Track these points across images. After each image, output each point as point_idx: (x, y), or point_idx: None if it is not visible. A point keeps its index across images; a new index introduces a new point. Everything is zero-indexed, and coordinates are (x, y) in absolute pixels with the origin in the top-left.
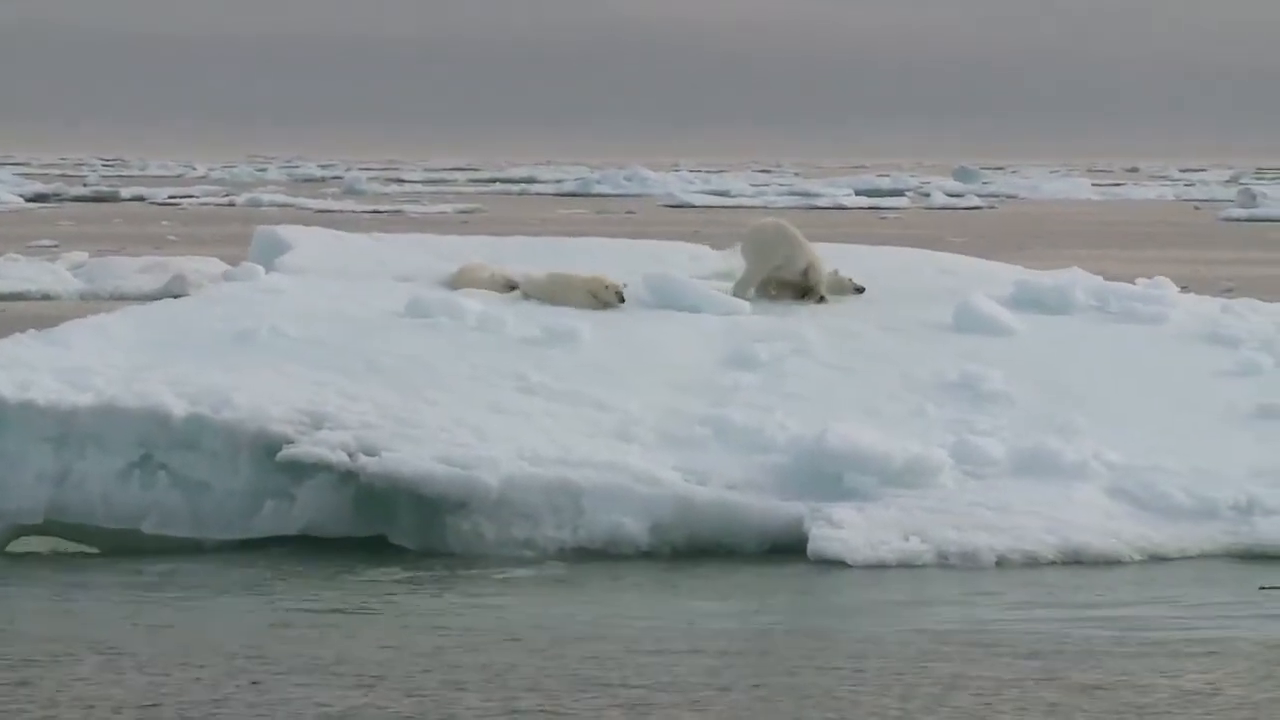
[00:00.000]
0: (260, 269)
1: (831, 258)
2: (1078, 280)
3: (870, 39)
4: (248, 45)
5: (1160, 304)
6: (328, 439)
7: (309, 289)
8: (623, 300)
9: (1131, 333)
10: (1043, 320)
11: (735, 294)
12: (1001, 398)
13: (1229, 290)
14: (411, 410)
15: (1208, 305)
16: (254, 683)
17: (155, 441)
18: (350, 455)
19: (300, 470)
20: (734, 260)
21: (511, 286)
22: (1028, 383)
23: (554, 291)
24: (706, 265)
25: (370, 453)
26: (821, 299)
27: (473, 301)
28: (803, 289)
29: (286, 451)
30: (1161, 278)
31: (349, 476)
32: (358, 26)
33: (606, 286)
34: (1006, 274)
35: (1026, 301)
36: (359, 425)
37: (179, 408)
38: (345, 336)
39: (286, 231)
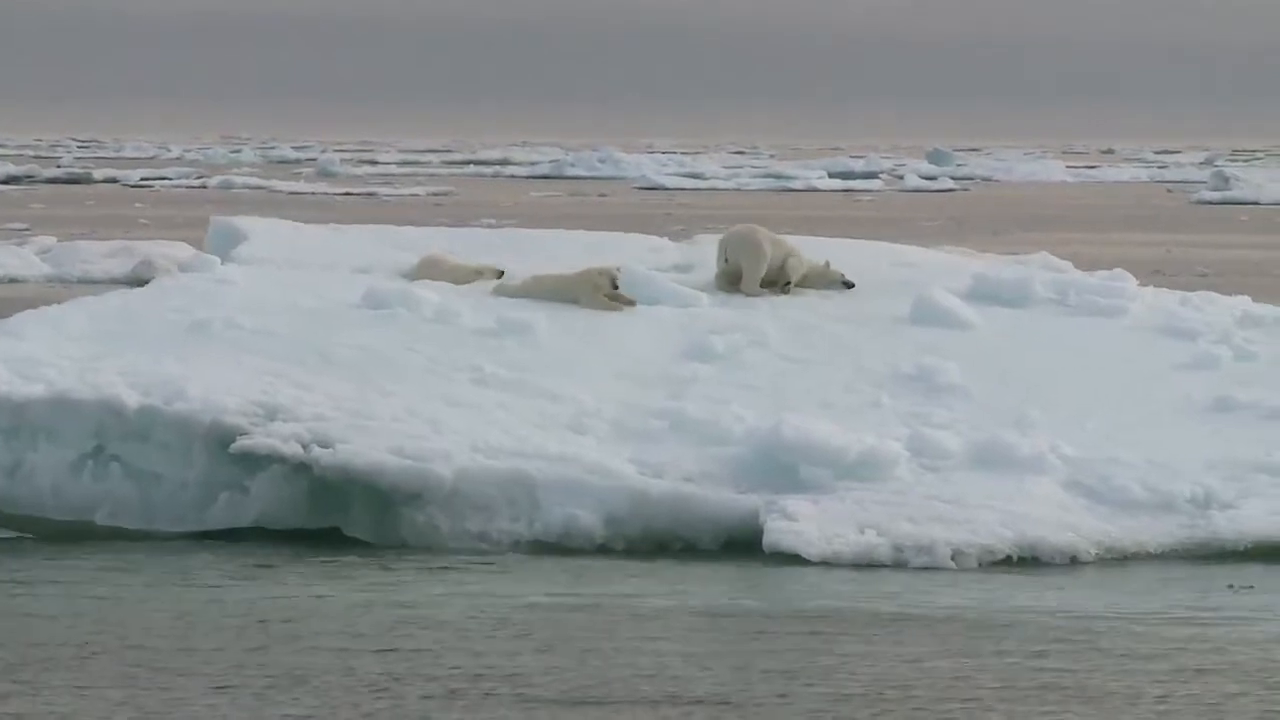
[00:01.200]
0: (216, 260)
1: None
2: (1036, 273)
3: (850, 19)
4: (226, 24)
5: (1119, 297)
6: (281, 430)
7: (264, 280)
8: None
9: (1090, 326)
10: (1001, 313)
11: (749, 293)
12: (958, 390)
13: (1204, 275)
14: (366, 402)
15: (1166, 298)
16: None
17: (108, 433)
18: (304, 447)
19: (254, 462)
20: (693, 254)
21: (478, 274)
22: (985, 375)
23: (557, 291)
24: (665, 257)
25: (324, 444)
26: (787, 285)
27: (429, 293)
28: (777, 280)
29: (240, 443)
30: (1120, 270)
31: (303, 468)
32: (337, 6)
33: (602, 274)
34: (965, 266)
35: (985, 294)
36: (313, 417)
37: (132, 399)
38: (300, 328)
39: (242, 222)
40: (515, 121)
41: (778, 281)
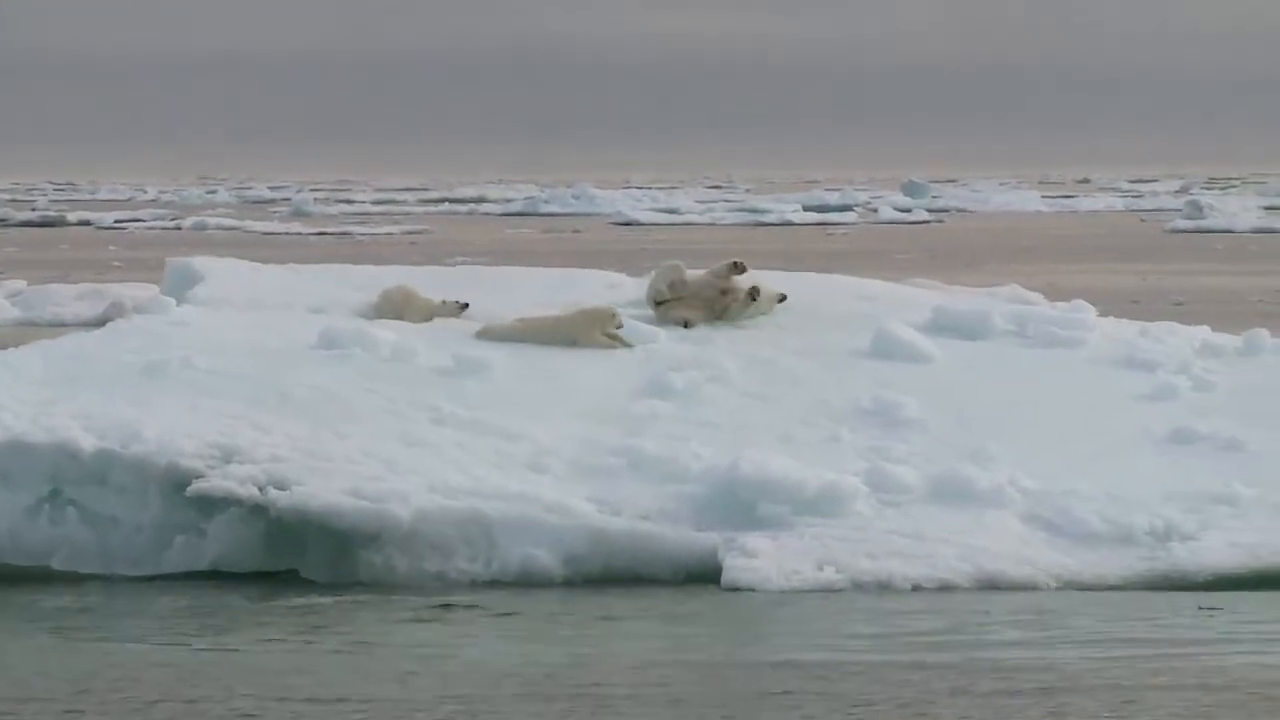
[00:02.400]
0: (172, 301)
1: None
2: (995, 305)
3: (828, 52)
4: (202, 66)
5: (1078, 328)
6: (237, 473)
7: (220, 321)
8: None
9: (1049, 357)
10: (960, 346)
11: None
12: (917, 424)
13: (1180, 303)
14: (322, 443)
15: (1126, 328)
16: None
17: (64, 476)
18: (260, 489)
19: (210, 504)
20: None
21: (442, 306)
22: (943, 409)
23: (554, 332)
24: (623, 293)
25: (280, 486)
26: (753, 293)
27: (386, 332)
28: (726, 291)
29: (196, 486)
30: (1080, 301)
31: (259, 510)
32: (311, 45)
33: (611, 317)
34: (925, 299)
35: (944, 326)
36: (269, 459)
37: (88, 442)
38: (256, 368)
39: (199, 262)
40: (492, 159)
41: (722, 303)
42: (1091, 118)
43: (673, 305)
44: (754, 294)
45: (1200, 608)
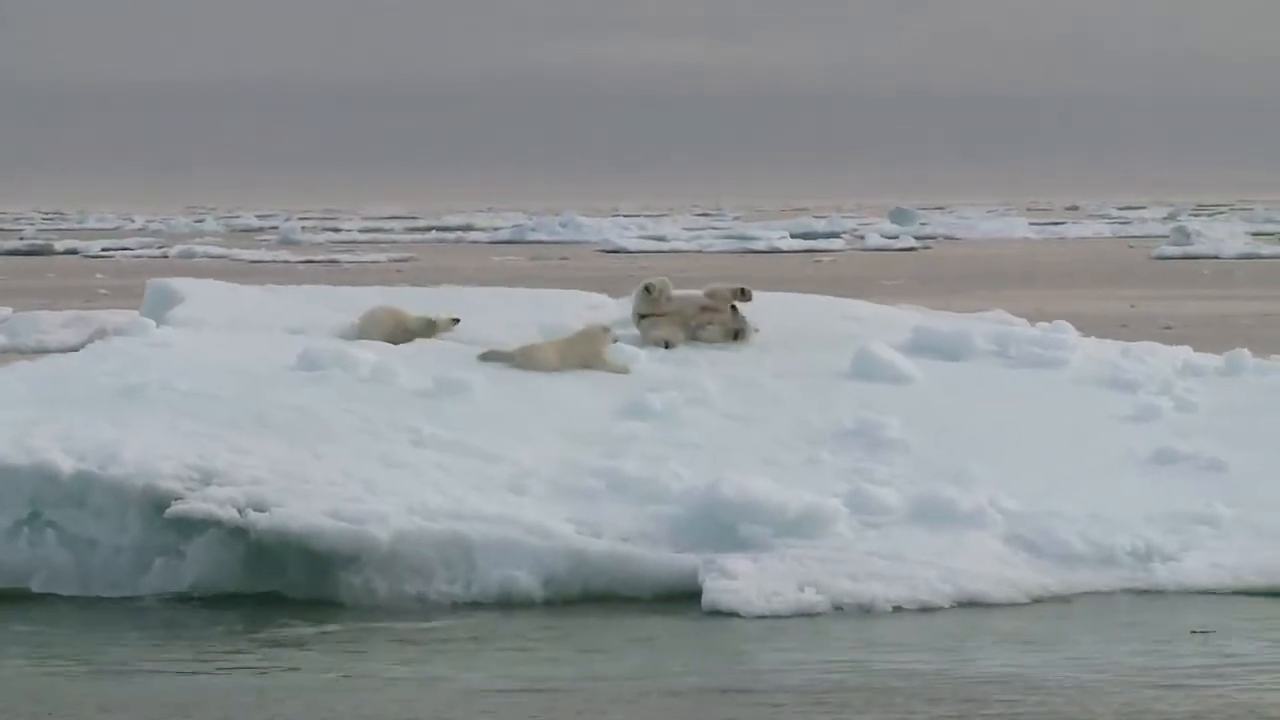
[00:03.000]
0: (151, 323)
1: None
2: (976, 326)
3: (818, 80)
4: (191, 96)
5: (1060, 348)
6: (216, 495)
7: (199, 342)
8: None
9: (1030, 378)
10: (941, 366)
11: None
12: (898, 445)
13: (1169, 328)
14: (301, 464)
15: (1108, 349)
16: None
17: (43, 499)
18: (239, 511)
19: (189, 526)
20: (628, 309)
21: (432, 324)
22: (925, 430)
23: (569, 357)
24: (605, 315)
25: (260, 508)
26: (739, 334)
27: (365, 353)
28: (707, 309)
29: (175, 508)
30: (1062, 321)
31: (239, 532)
32: (300, 75)
33: (606, 331)
34: (907, 320)
35: (925, 347)
36: (248, 481)
37: (66, 464)
38: (236, 390)
39: (179, 284)
40: (481, 188)
41: (700, 320)
42: (1080, 145)
43: (655, 323)
44: (739, 334)
45: (1193, 631)
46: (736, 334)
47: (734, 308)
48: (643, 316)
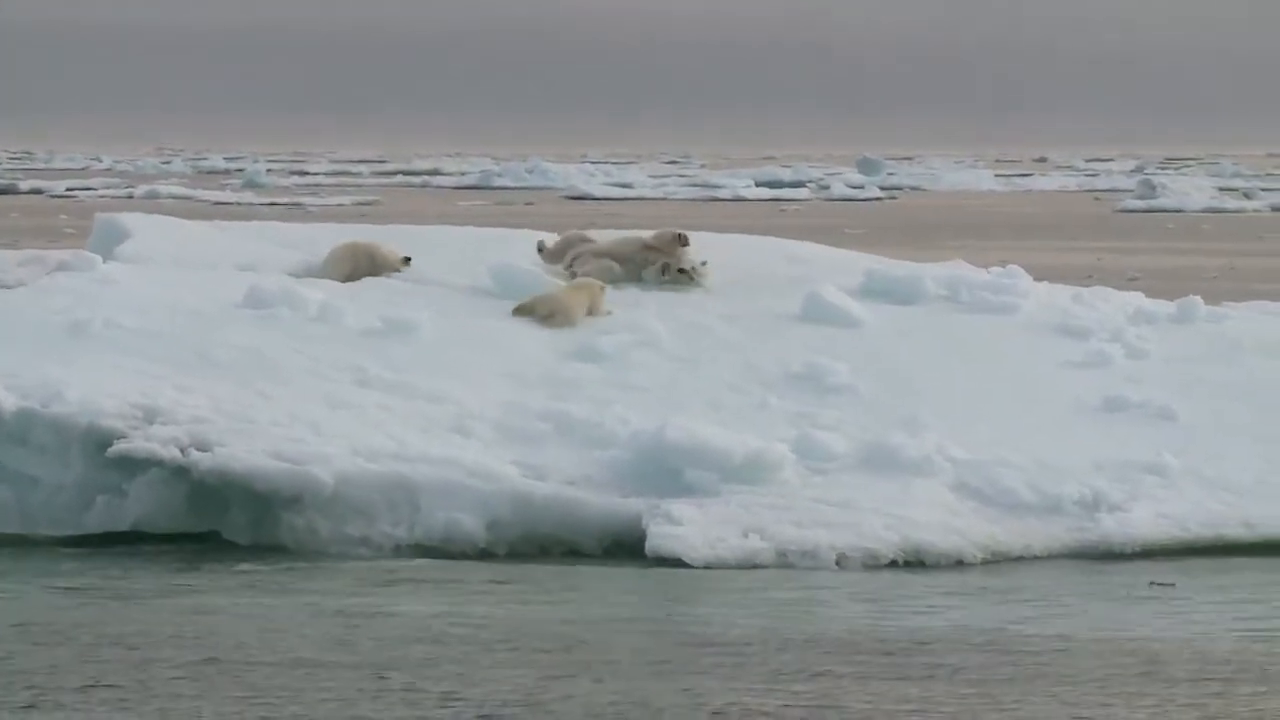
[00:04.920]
0: (98, 258)
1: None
2: (927, 270)
3: (787, 27)
4: (160, 36)
5: (1011, 294)
6: (160, 434)
7: (146, 279)
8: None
9: (982, 323)
10: (892, 311)
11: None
12: (847, 390)
13: (1135, 279)
14: (246, 404)
15: (1060, 295)
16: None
17: None
18: (182, 450)
19: (132, 465)
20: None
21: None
22: (873, 375)
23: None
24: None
25: (203, 448)
26: (691, 273)
27: (313, 292)
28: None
29: (117, 447)
30: (1015, 266)
31: (181, 472)
32: (271, 17)
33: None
34: (858, 263)
35: (876, 291)
36: (192, 420)
37: (9, 402)
38: (181, 328)
39: (127, 219)
40: (450, 132)
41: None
42: (1049, 97)
43: (583, 260)
44: (691, 273)
45: (1151, 583)
46: (682, 272)
47: (681, 248)
48: (568, 266)
